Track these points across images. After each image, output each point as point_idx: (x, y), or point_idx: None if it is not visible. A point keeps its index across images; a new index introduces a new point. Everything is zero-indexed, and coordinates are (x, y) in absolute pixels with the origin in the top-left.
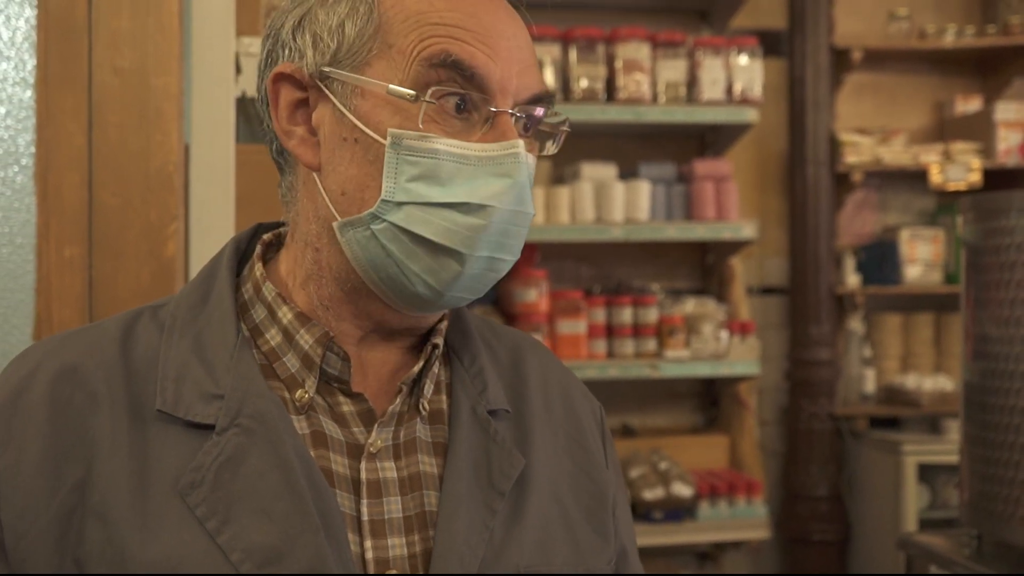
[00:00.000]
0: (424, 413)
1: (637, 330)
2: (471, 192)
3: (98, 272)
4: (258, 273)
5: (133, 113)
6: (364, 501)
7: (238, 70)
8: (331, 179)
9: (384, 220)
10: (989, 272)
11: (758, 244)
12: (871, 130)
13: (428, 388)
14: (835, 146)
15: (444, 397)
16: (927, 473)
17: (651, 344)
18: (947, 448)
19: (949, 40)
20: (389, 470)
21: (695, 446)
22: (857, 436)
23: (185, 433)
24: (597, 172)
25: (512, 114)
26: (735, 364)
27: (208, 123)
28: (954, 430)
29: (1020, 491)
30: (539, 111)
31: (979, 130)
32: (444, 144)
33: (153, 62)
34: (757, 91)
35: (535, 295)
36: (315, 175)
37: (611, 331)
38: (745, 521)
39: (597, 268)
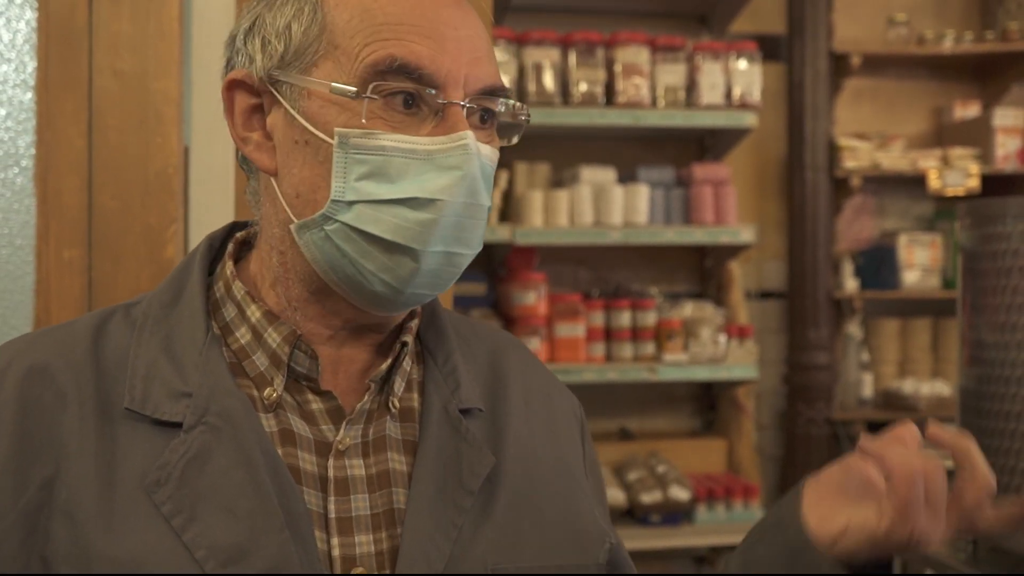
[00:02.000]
0: (394, 411)
1: (635, 334)
2: (420, 187)
3: (97, 274)
4: (228, 272)
5: (133, 116)
6: (331, 499)
7: None
8: (286, 182)
9: (336, 220)
10: (986, 278)
11: (756, 248)
12: (870, 135)
13: (399, 386)
14: (834, 151)
15: (416, 395)
16: None
17: (649, 348)
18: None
19: (948, 46)
20: (357, 467)
21: (693, 450)
22: (854, 441)
23: (153, 431)
24: (596, 176)
25: (462, 105)
26: (733, 368)
27: (208, 126)
28: None
29: (1015, 498)
30: (496, 104)
31: (978, 136)
32: (391, 140)
33: (153, 66)
34: (756, 96)
35: (534, 298)
36: (272, 179)
37: (609, 334)
38: (742, 525)
39: (595, 271)
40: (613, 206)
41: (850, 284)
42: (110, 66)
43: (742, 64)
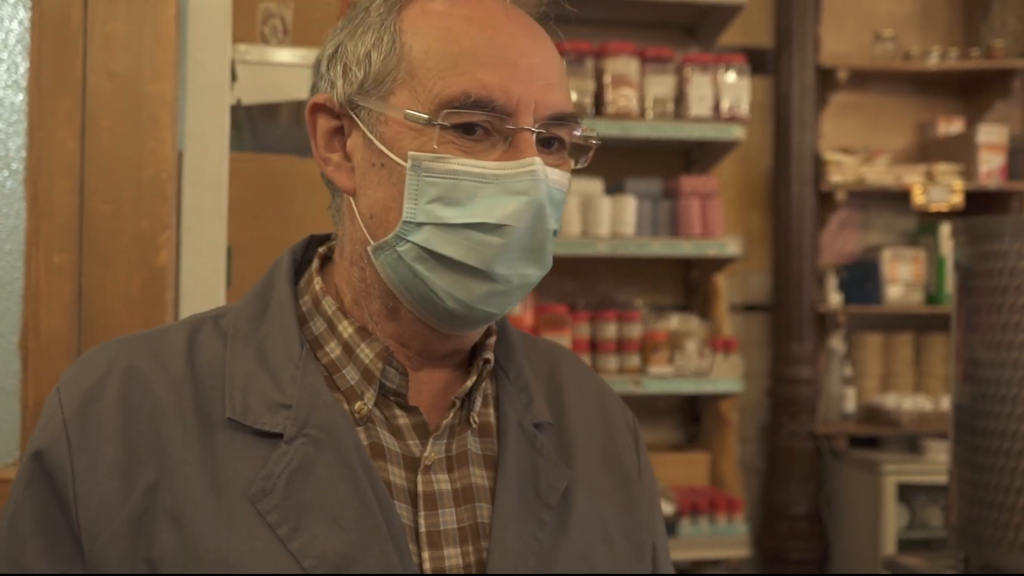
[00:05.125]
0: (474, 426)
1: (621, 345)
2: (489, 211)
3: (88, 280)
4: (317, 287)
5: (127, 119)
6: (421, 513)
7: (233, 77)
8: (363, 203)
9: (407, 241)
10: (981, 295)
11: (741, 261)
12: (855, 149)
13: (478, 402)
14: (819, 165)
15: (491, 410)
16: (906, 493)
17: (635, 360)
18: (926, 468)
19: (933, 62)
20: (443, 482)
21: (676, 463)
22: (837, 455)
23: (253, 441)
24: (584, 186)
25: (531, 131)
26: (718, 381)
27: (202, 130)
28: (933, 450)
29: (1009, 516)
30: (566, 131)
31: (961, 152)
32: (461, 164)
33: (149, 68)
34: (744, 108)
35: (520, 308)
36: (352, 199)
37: (595, 346)
38: (725, 539)
39: (581, 282)
40: (600, 217)
41: (834, 298)
42: (104, 67)
43: (731, 77)
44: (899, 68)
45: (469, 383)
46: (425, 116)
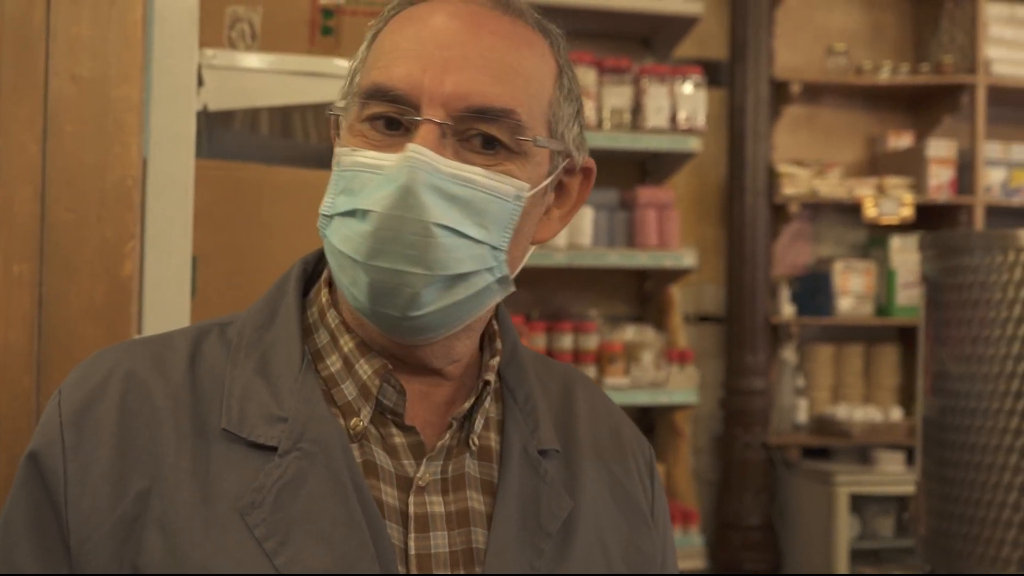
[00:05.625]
0: (473, 449)
1: (577, 356)
2: (363, 199)
3: (49, 290)
4: (324, 299)
5: (91, 124)
6: (412, 535)
7: (200, 82)
8: None
9: (326, 236)
10: (950, 309)
11: (695, 272)
12: (808, 162)
13: (479, 424)
14: (773, 177)
15: (494, 434)
16: (857, 503)
17: (590, 371)
18: (877, 479)
19: (884, 77)
20: (437, 504)
21: None
22: (790, 466)
23: (248, 453)
24: None
25: (432, 121)
26: (674, 393)
27: (168, 137)
28: (884, 461)
29: (979, 529)
30: (497, 128)
31: (911, 166)
32: (364, 156)
33: (115, 71)
34: (701, 120)
35: None
36: None
37: (551, 357)
38: (681, 551)
39: (537, 293)
40: None
41: (787, 309)
42: (68, 70)
43: (687, 88)
44: (851, 82)
45: (467, 404)
46: (341, 104)
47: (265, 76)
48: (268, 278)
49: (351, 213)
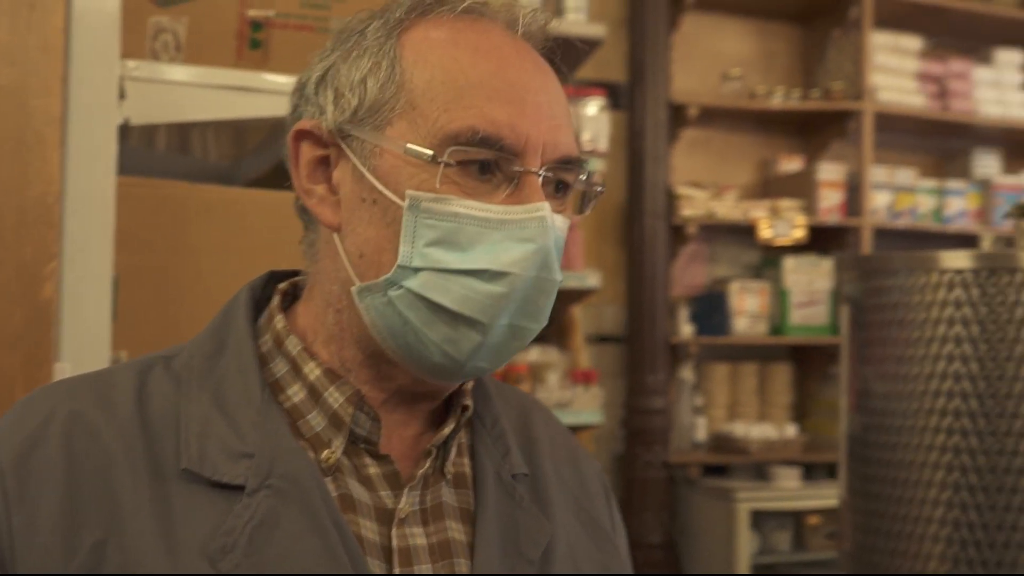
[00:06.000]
0: (449, 477)
1: None
2: (492, 258)
3: None
4: (279, 326)
5: (9, 137)
6: (396, 569)
7: (121, 95)
8: (350, 240)
9: (401, 286)
10: (872, 329)
11: (595, 293)
12: (705, 184)
13: (453, 451)
14: (672, 199)
15: (466, 460)
16: (756, 519)
17: None
18: (775, 495)
19: (777, 102)
20: (419, 536)
21: None
22: (690, 484)
23: (211, 493)
24: None
25: (539, 174)
26: (580, 413)
27: (87, 152)
28: (781, 477)
29: (907, 544)
30: (573, 175)
31: (803, 188)
32: (464, 207)
33: (34, 81)
34: (604, 142)
35: None
36: (336, 236)
37: None
38: None
39: None
40: None
41: (686, 329)
42: None
43: (591, 110)
44: (745, 107)
45: (447, 430)
46: (429, 152)
47: (191, 90)
48: (195, 301)
49: (473, 273)
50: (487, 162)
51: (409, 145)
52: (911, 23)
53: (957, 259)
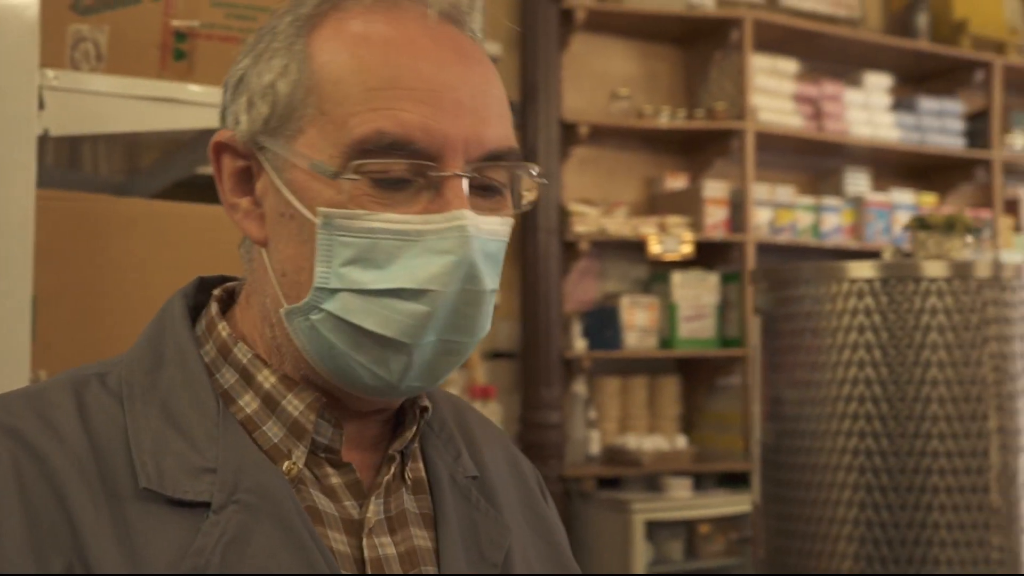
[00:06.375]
0: (408, 482)
1: None
2: (410, 275)
3: None
4: (225, 334)
5: None
6: None
7: (41, 105)
8: (275, 257)
9: (322, 309)
10: (783, 338)
11: None
12: (595, 201)
13: (410, 456)
14: (564, 216)
15: (420, 464)
16: (649, 530)
17: None
18: (668, 505)
19: (664, 121)
20: (388, 546)
21: None
22: (585, 497)
23: (173, 512)
24: None
25: (462, 176)
26: None
27: (6, 164)
28: (673, 487)
29: (820, 544)
30: (505, 171)
31: (689, 205)
32: (380, 221)
33: None
34: None
35: None
36: (263, 251)
37: None
38: None
39: None
40: None
41: (579, 344)
42: None
43: None
44: (634, 125)
45: (409, 434)
46: (331, 169)
47: (113, 100)
48: (118, 319)
49: (392, 292)
50: (400, 170)
51: (314, 160)
52: (787, 47)
53: (864, 269)
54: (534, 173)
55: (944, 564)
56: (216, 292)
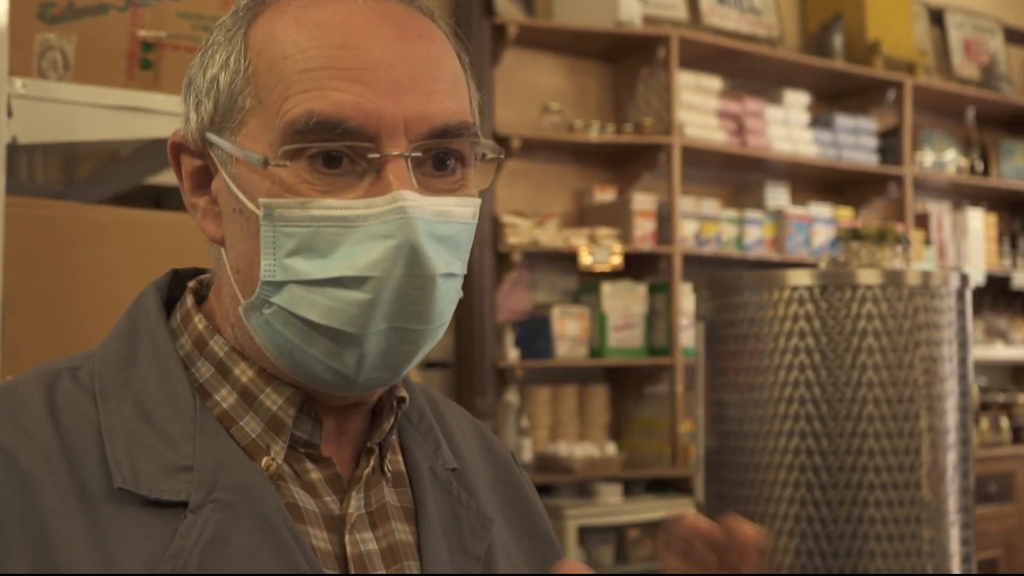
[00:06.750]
0: (388, 476)
1: None
2: (350, 263)
3: None
4: (201, 327)
5: None
6: None
7: (9, 113)
8: (230, 255)
9: (271, 303)
10: (725, 343)
11: None
12: (527, 213)
13: (389, 448)
14: (498, 227)
15: (399, 457)
16: (581, 535)
17: None
18: (600, 511)
19: (593, 135)
20: (370, 541)
21: None
22: None
23: (148, 513)
24: None
25: (405, 156)
26: None
27: None
28: (604, 493)
29: None
30: (457, 145)
31: (618, 218)
32: (320, 208)
33: None
34: None
35: None
36: (223, 249)
37: None
38: None
39: None
40: None
41: (512, 354)
42: None
43: None
44: (564, 139)
45: (386, 426)
46: (259, 158)
47: (81, 109)
48: (85, 326)
49: (334, 281)
50: (336, 154)
51: (246, 151)
52: (711, 65)
53: (802, 277)
54: (488, 147)
55: (879, 556)
56: (191, 284)
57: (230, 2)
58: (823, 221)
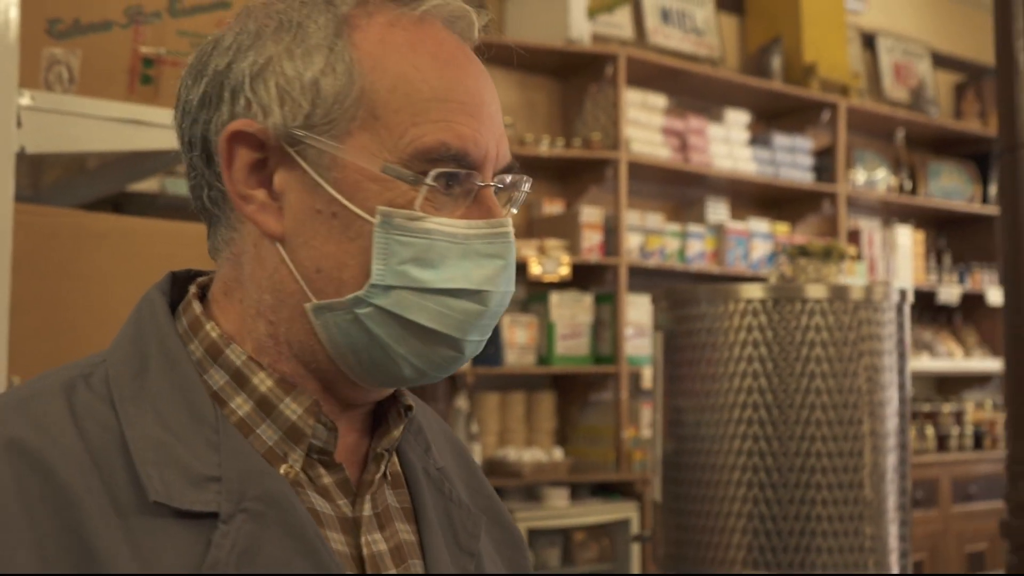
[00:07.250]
0: (388, 478)
1: None
2: (465, 276)
3: None
4: (214, 334)
5: None
6: None
7: (18, 124)
8: (303, 253)
9: (371, 304)
10: (682, 352)
11: None
12: None
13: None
14: None
15: (395, 459)
16: (529, 538)
17: None
18: (547, 514)
19: (544, 149)
20: (380, 542)
21: None
22: None
23: (178, 524)
24: None
25: (495, 187)
26: None
27: None
28: (551, 497)
29: (717, 537)
30: (517, 181)
31: (566, 229)
32: (436, 224)
33: None
34: None
35: None
36: (278, 245)
37: None
38: None
39: None
40: None
41: None
42: None
43: None
44: (515, 152)
45: (397, 433)
46: (410, 174)
47: (85, 121)
48: (86, 331)
49: (450, 292)
50: (455, 176)
51: (388, 166)
52: (657, 83)
53: (755, 291)
54: (527, 185)
55: (825, 551)
56: (193, 289)
57: (226, 22)
58: (761, 236)
